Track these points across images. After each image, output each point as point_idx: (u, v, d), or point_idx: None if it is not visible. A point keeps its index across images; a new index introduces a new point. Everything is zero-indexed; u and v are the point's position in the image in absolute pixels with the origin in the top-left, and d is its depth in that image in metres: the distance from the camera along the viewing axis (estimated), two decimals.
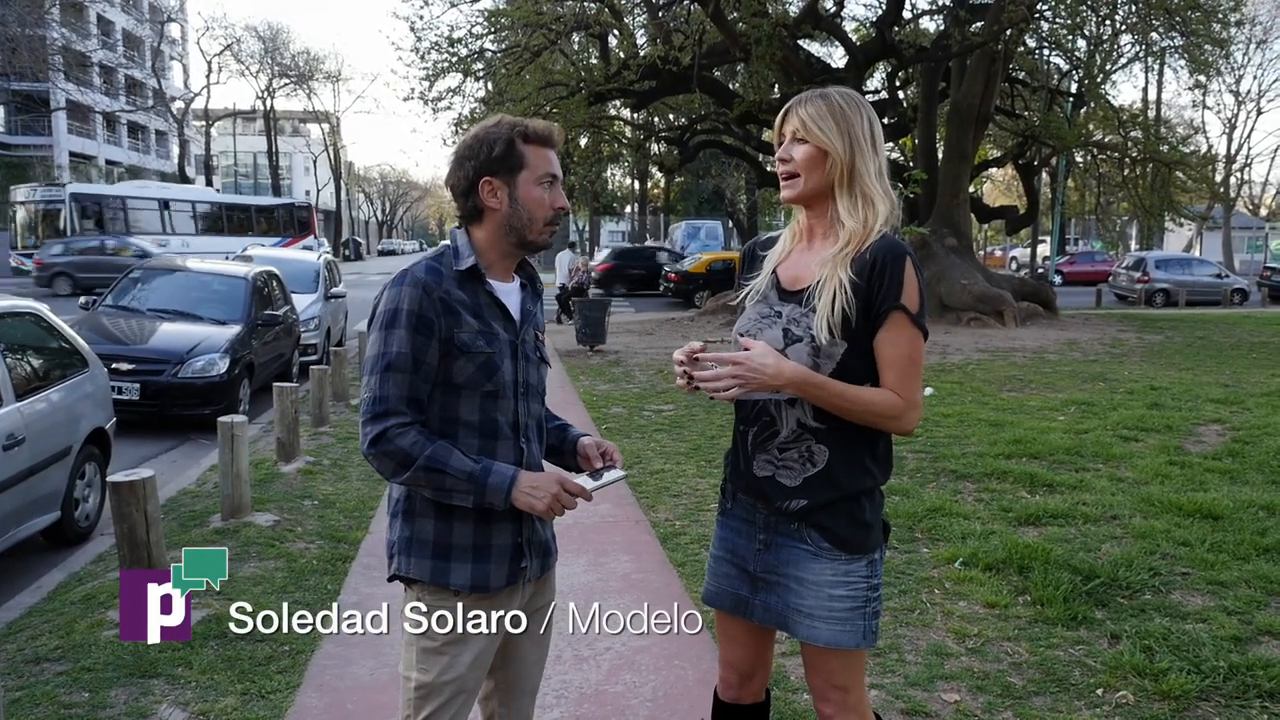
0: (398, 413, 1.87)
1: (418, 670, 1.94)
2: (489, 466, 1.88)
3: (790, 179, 1.97)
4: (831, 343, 1.88)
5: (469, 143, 1.96)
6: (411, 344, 1.87)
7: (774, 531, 1.99)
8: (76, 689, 3.32)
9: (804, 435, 1.94)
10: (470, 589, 1.93)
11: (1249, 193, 47.81)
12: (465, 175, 1.95)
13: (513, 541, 1.97)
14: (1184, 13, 17.84)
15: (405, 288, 1.90)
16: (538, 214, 1.96)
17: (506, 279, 2.03)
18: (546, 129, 1.97)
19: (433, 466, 1.84)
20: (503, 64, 19.20)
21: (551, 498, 1.87)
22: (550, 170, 1.97)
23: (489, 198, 1.95)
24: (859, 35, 22.04)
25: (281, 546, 4.86)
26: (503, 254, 2.00)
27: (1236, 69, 37.79)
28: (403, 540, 1.97)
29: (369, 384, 1.90)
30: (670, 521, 5.34)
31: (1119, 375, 11.31)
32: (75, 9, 40.60)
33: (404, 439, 1.85)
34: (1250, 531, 4.88)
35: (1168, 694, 3.23)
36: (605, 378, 11.36)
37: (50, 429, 5.17)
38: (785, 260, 2.04)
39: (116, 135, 50.00)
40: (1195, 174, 24.10)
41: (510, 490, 1.86)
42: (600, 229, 46.50)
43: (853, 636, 1.95)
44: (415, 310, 1.88)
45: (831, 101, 1.95)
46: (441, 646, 1.94)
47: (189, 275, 10.37)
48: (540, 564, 2.05)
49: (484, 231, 1.98)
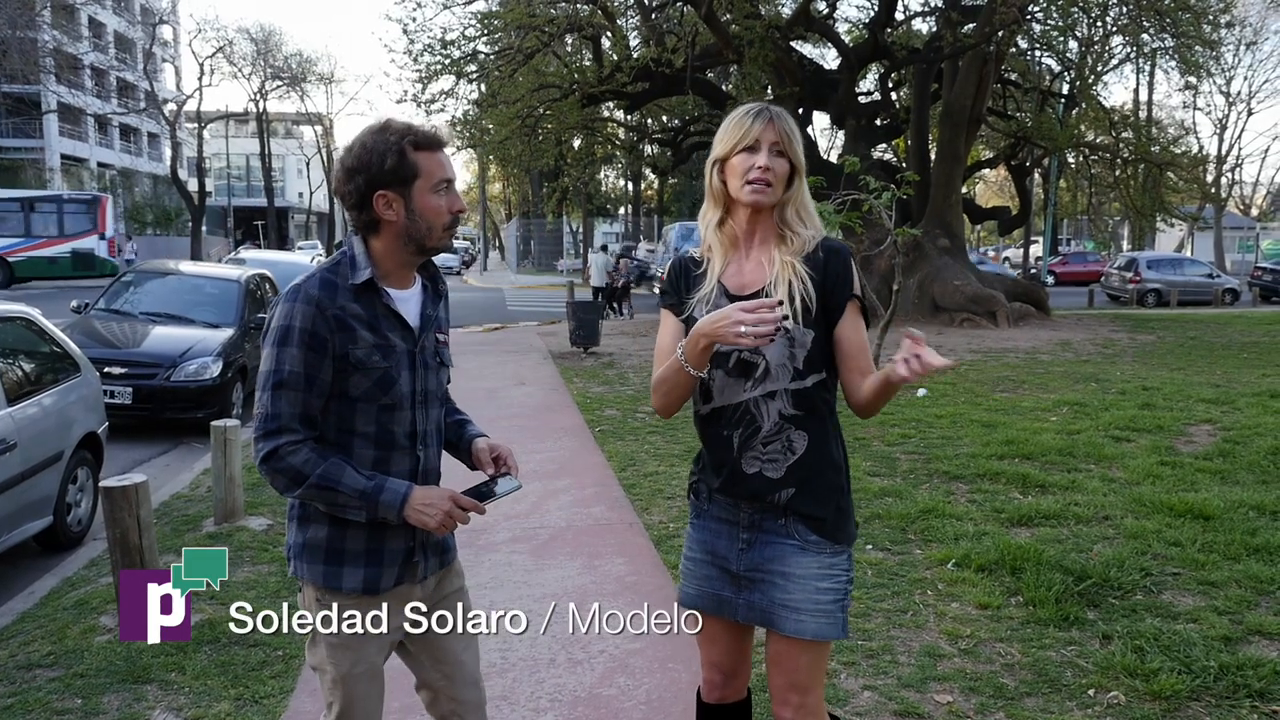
0: (289, 430, 1.87)
1: (330, 664, 2.00)
2: (381, 484, 1.89)
3: (766, 186, 2.01)
4: (801, 331, 1.98)
5: (357, 153, 1.90)
6: (304, 362, 1.87)
7: (759, 529, 2.04)
8: (69, 695, 3.31)
9: (784, 425, 2.00)
10: (362, 591, 1.97)
11: (1240, 193, 48.02)
12: (356, 188, 1.90)
13: (405, 546, 2.00)
14: (1174, 14, 17.92)
15: (298, 304, 1.88)
16: (436, 222, 1.94)
17: (406, 284, 2.02)
18: (436, 132, 1.94)
19: (325, 484, 1.86)
20: (495, 66, 19.20)
21: (444, 515, 1.89)
22: (444, 175, 1.94)
23: (384, 210, 1.91)
24: (851, 37, 22.09)
25: (274, 550, 4.85)
26: (401, 263, 1.99)
27: (1227, 70, 37.92)
28: (297, 545, 2.00)
29: (261, 400, 1.90)
30: (664, 524, 5.34)
31: (1111, 375, 11.35)
32: (66, 11, 40.45)
33: (295, 457, 1.86)
34: (1241, 531, 4.90)
35: (1159, 694, 3.25)
36: (599, 380, 11.36)
37: (42, 434, 5.16)
38: (726, 270, 2.09)
39: (108, 138, 49.83)
40: (1186, 174, 24.20)
41: (402, 507, 1.88)
42: (594, 231, 46.45)
43: (834, 628, 2.03)
44: (308, 328, 1.87)
45: (792, 120, 2.08)
46: (345, 641, 1.99)
47: (182, 279, 10.34)
48: (438, 561, 2.09)
49: (381, 242, 1.96)
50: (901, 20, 20.95)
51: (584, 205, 43.10)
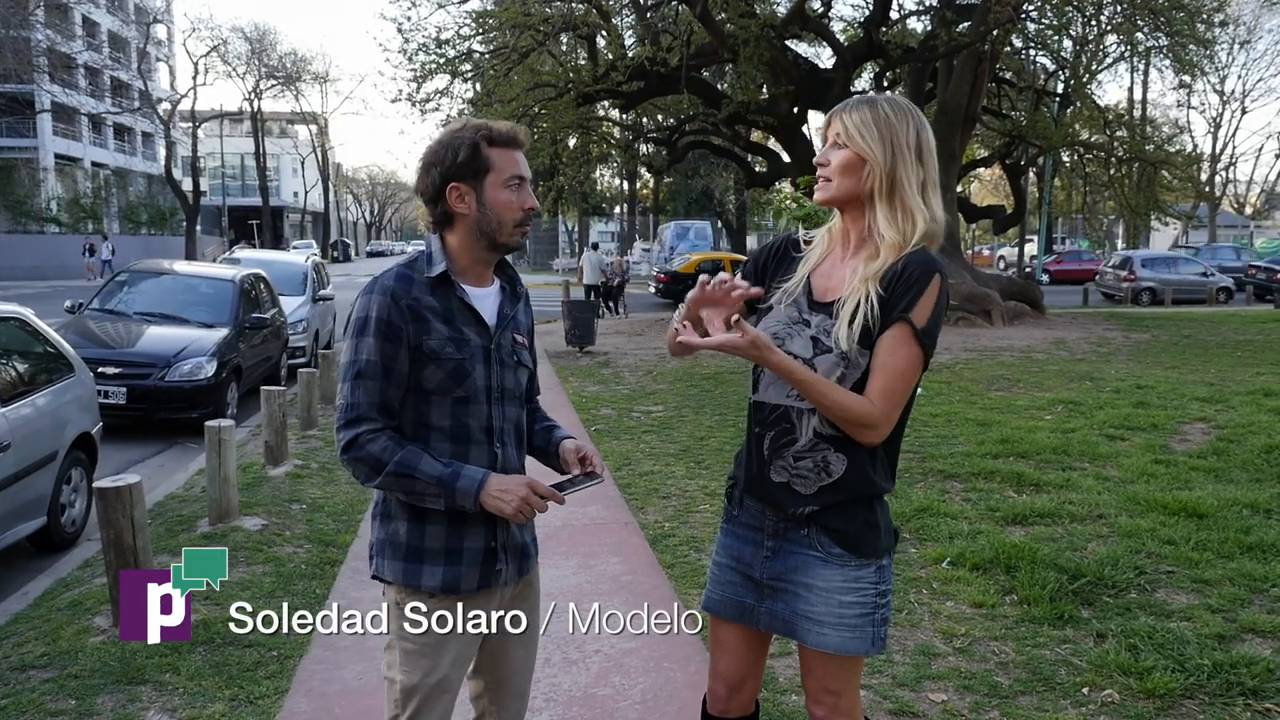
0: (368, 419, 1.90)
1: (401, 672, 1.96)
2: (458, 470, 1.89)
3: (823, 182, 1.96)
4: (860, 353, 1.87)
5: (434, 149, 1.96)
6: (380, 351, 1.90)
7: (783, 538, 1.98)
8: (63, 696, 3.30)
9: (820, 444, 1.92)
10: (442, 591, 1.96)
11: (1234, 191, 48.19)
12: (432, 182, 1.96)
13: (485, 545, 1.99)
14: (1169, 13, 17.96)
15: (375, 296, 1.93)
16: (506, 217, 1.97)
17: (483, 283, 2.04)
18: (511, 130, 1.97)
19: (402, 471, 1.87)
20: (490, 65, 19.17)
21: (520, 500, 1.89)
22: (517, 172, 1.97)
23: (457, 203, 1.95)
24: (846, 36, 22.10)
25: (269, 551, 4.85)
26: (475, 259, 2.01)
27: (1221, 69, 38.13)
28: (379, 542, 2.00)
29: (342, 391, 1.94)
30: (659, 523, 5.35)
31: (1105, 374, 11.37)
32: (60, 10, 40.33)
33: (374, 445, 1.88)
34: (1234, 529, 4.91)
35: (1152, 692, 3.26)
36: (594, 379, 11.36)
37: (36, 434, 5.14)
38: (820, 267, 2.00)
39: (102, 137, 49.68)
40: (1180, 173, 24.22)
41: (479, 493, 1.88)
42: (589, 230, 46.45)
43: (861, 643, 1.95)
44: (383, 318, 1.91)
45: (877, 108, 1.91)
46: (421, 648, 1.96)
47: (176, 278, 10.32)
48: (517, 567, 2.06)
49: (455, 237, 2.00)
50: (896, 19, 20.95)
51: (579, 204, 43.10)
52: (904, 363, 1.86)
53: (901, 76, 21.43)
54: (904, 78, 21.19)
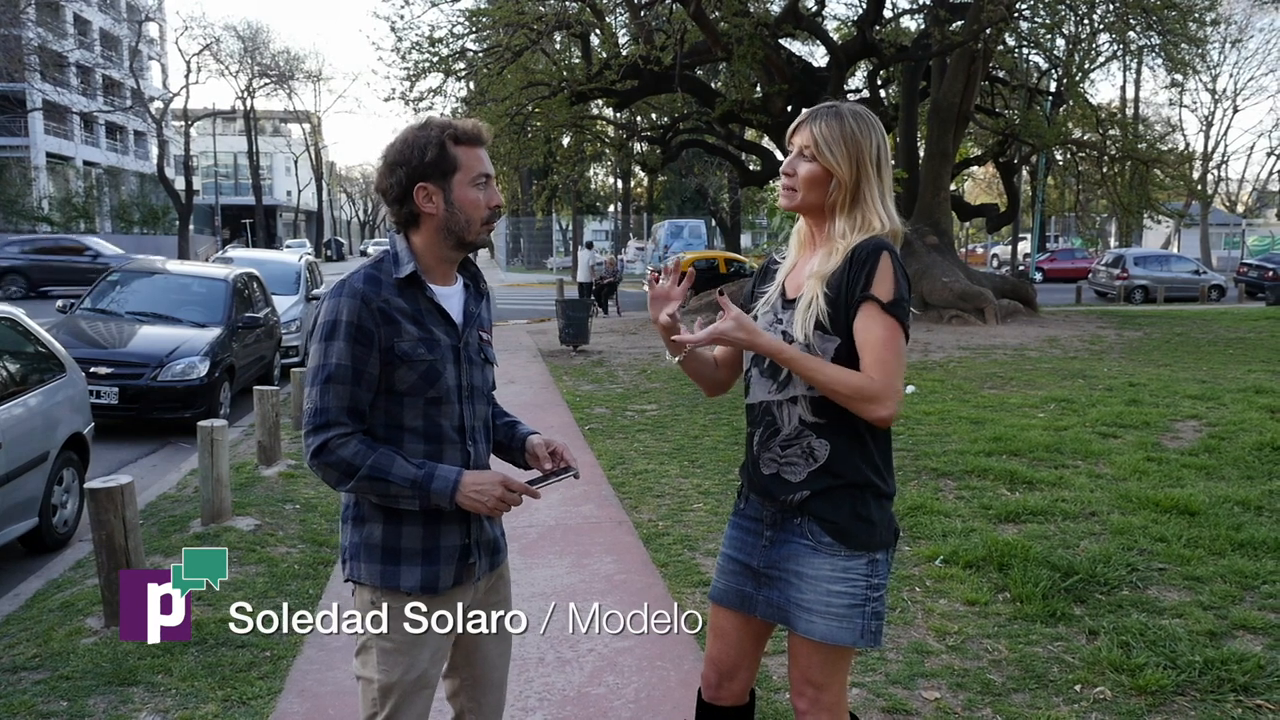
0: (338, 424, 1.88)
1: (379, 671, 1.97)
2: (431, 471, 1.90)
3: (789, 192, 2.03)
4: (822, 338, 1.95)
5: (398, 148, 1.94)
6: (351, 355, 1.89)
7: (778, 528, 2.05)
8: (55, 698, 3.29)
9: (804, 432, 2.00)
10: (420, 590, 1.96)
11: (1226, 190, 48.30)
12: (398, 181, 1.94)
13: (460, 542, 2.00)
14: (1161, 12, 17.99)
15: (344, 298, 1.90)
16: (474, 215, 1.97)
17: (448, 282, 2.04)
18: (475, 128, 1.97)
19: (375, 475, 1.87)
20: (484, 64, 19.12)
21: (496, 499, 1.90)
22: (483, 170, 1.97)
23: (425, 203, 1.95)
24: (840, 34, 22.12)
25: (262, 551, 4.83)
26: (441, 258, 2.01)
27: (1213, 68, 38.15)
28: (353, 545, 2.00)
29: (309, 395, 1.91)
30: (653, 522, 5.35)
31: (1098, 372, 11.40)
32: (51, 8, 40.18)
33: (345, 449, 1.87)
34: (1226, 527, 4.93)
35: (1144, 689, 3.27)
36: (588, 378, 11.35)
37: (27, 434, 5.13)
38: (792, 271, 2.11)
39: (94, 136, 49.50)
40: (1173, 171, 24.29)
41: (454, 493, 1.89)
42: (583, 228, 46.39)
43: (849, 634, 1.99)
44: (354, 321, 1.89)
45: (845, 123, 1.98)
46: (399, 646, 1.97)
47: (168, 278, 10.29)
48: (489, 561, 2.09)
49: (422, 237, 1.99)
50: (890, 18, 20.97)
51: (573, 203, 43.03)
52: (882, 332, 1.92)
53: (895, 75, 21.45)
54: (897, 76, 21.22)
